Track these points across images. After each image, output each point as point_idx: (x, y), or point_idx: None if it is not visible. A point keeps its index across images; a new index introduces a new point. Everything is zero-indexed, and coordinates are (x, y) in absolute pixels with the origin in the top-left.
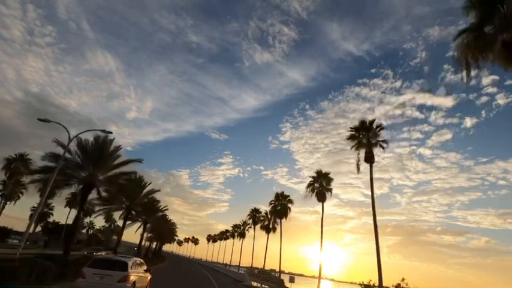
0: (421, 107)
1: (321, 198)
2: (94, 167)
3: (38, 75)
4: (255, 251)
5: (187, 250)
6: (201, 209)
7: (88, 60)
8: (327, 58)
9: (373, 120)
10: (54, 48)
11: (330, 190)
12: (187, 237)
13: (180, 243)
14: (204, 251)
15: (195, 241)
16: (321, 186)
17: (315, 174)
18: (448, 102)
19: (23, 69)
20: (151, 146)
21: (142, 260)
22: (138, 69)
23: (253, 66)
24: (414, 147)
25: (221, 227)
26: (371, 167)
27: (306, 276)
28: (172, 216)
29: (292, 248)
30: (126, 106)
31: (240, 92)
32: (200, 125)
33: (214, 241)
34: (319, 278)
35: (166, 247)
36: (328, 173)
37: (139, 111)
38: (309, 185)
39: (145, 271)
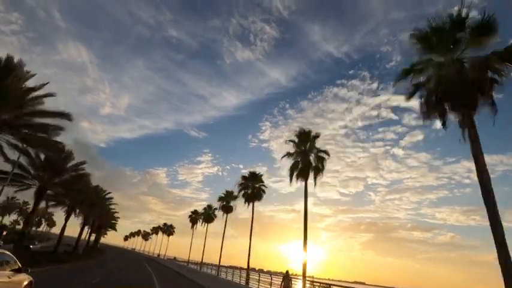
0: (395, 109)
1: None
2: None
3: None
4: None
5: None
6: (179, 208)
7: (59, 51)
8: (307, 59)
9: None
10: (21, 36)
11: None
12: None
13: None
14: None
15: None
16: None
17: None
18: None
19: None
20: (126, 143)
21: (10, 256)
22: (114, 64)
23: (234, 63)
24: (388, 147)
25: (200, 228)
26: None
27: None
28: (148, 216)
29: (271, 246)
30: (100, 101)
31: (220, 90)
32: (179, 122)
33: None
34: (304, 276)
35: (118, 242)
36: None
37: (115, 107)
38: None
39: (16, 272)
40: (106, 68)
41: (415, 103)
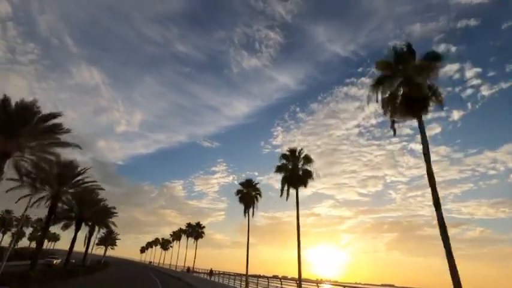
0: None
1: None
2: None
3: (22, 94)
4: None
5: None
6: (197, 219)
7: (73, 76)
8: (314, 60)
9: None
10: (37, 65)
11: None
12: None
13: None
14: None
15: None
16: (248, 194)
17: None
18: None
19: (6, 89)
20: (143, 158)
21: None
22: (125, 82)
23: (241, 72)
24: (405, 143)
25: (219, 237)
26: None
27: (310, 282)
28: (168, 230)
29: (290, 253)
30: (114, 120)
31: (230, 100)
32: (192, 134)
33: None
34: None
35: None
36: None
37: (129, 124)
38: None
39: None
40: (118, 87)
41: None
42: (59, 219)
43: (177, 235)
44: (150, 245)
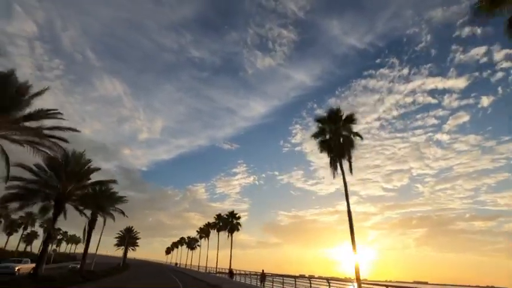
0: (432, 92)
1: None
2: None
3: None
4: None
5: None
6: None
7: (96, 88)
8: (330, 55)
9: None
10: (63, 80)
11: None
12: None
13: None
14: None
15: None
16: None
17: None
18: (460, 83)
19: (36, 104)
20: (165, 164)
21: None
22: (145, 91)
23: (256, 73)
24: (430, 134)
25: (243, 237)
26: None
27: (340, 280)
28: (193, 233)
29: (314, 251)
30: (137, 128)
31: (247, 101)
32: (211, 137)
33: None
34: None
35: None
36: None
37: (150, 131)
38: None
39: None
40: (139, 96)
41: (455, 82)
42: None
43: (204, 231)
44: (175, 245)
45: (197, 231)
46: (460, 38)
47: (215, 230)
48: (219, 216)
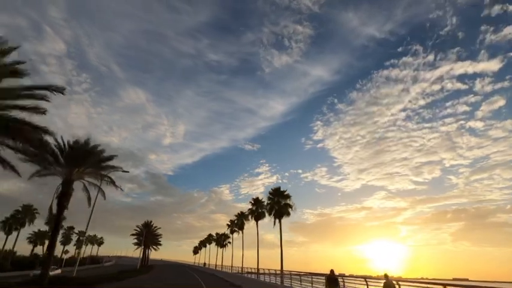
0: (462, 77)
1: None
2: None
3: (81, 120)
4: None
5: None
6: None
7: (121, 98)
8: (348, 48)
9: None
10: (91, 92)
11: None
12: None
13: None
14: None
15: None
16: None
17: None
18: (493, 65)
19: (68, 117)
20: (190, 167)
21: None
22: (167, 98)
23: (274, 71)
24: (462, 122)
25: (269, 237)
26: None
27: (374, 278)
28: (220, 232)
29: (343, 249)
30: (161, 133)
31: (266, 100)
32: (233, 139)
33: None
34: None
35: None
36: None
37: (174, 136)
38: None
39: None
40: (161, 103)
41: (486, 65)
42: None
43: (237, 223)
44: (203, 243)
45: (228, 224)
46: (489, 18)
47: (251, 219)
48: (255, 201)
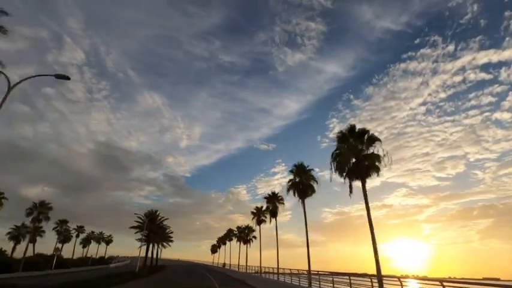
0: (486, 67)
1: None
2: None
3: (102, 126)
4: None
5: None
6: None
7: (139, 103)
8: (363, 42)
9: None
10: (110, 99)
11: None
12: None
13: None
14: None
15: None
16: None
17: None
18: None
19: (89, 123)
20: (206, 168)
21: None
22: (182, 101)
23: (287, 70)
24: (487, 114)
25: (287, 236)
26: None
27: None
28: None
29: (363, 248)
30: (177, 136)
31: (280, 99)
32: (248, 139)
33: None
34: None
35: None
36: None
37: (190, 138)
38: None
39: None
40: (176, 106)
41: None
42: None
43: (267, 210)
44: (222, 240)
45: (252, 212)
46: None
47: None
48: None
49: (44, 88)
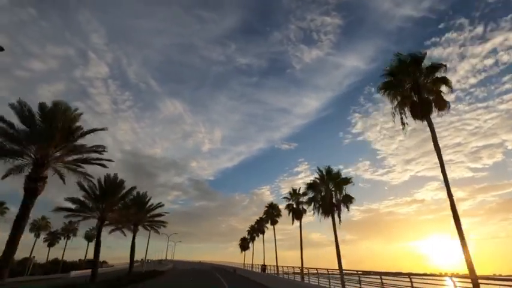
0: None
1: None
2: None
3: (128, 135)
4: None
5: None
6: (289, 222)
7: (161, 111)
8: (382, 33)
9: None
10: (134, 109)
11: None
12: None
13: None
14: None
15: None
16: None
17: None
18: None
19: (116, 134)
20: (229, 171)
21: None
22: (202, 105)
23: (305, 67)
24: None
25: (314, 236)
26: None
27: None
28: (265, 235)
29: (394, 246)
30: (199, 141)
31: (299, 98)
32: (269, 140)
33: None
34: None
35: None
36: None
37: (211, 142)
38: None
39: None
40: (197, 112)
41: None
42: None
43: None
44: (251, 234)
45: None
46: None
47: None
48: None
49: (73, 103)
